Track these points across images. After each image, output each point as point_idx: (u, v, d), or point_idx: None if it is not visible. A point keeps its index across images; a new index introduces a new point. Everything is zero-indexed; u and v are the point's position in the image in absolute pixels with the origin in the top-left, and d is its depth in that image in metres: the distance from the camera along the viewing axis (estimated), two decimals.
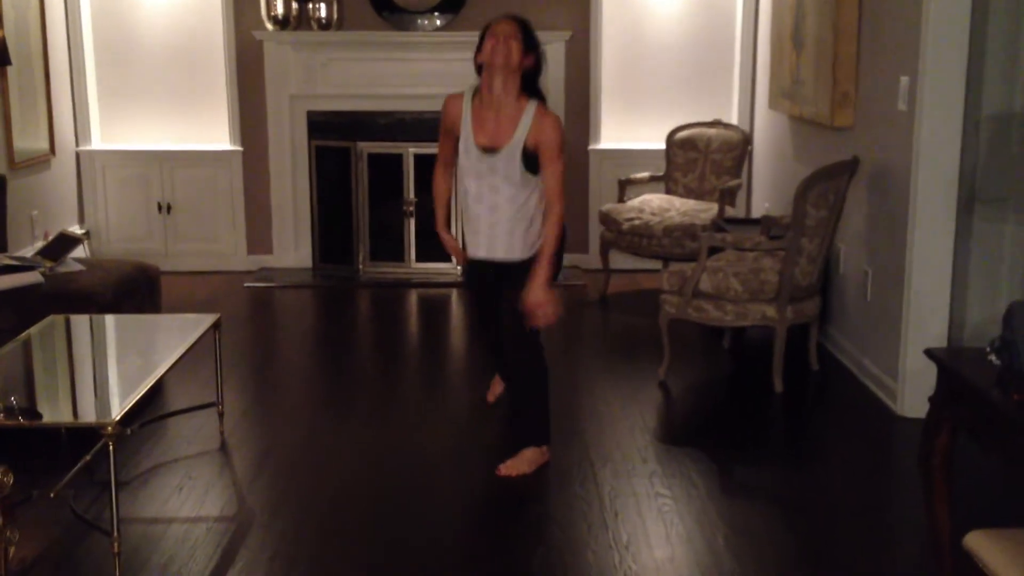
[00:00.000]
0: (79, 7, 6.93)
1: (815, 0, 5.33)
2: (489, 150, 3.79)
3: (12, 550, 2.84)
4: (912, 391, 4.32)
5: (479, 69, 3.83)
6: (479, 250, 3.95)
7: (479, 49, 3.79)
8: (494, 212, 3.86)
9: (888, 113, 4.60)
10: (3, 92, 6.09)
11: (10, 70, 5.99)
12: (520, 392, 4.03)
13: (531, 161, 3.77)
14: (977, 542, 2.48)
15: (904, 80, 4.41)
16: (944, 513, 2.98)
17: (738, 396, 4.87)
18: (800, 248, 4.68)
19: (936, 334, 4.32)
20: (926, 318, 4.34)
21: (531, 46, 3.77)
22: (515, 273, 3.87)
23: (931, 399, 3.00)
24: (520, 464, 3.89)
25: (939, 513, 2.99)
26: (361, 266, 7.01)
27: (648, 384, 4.84)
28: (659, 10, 7.04)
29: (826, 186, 4.69)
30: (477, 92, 3.87)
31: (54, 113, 6.74)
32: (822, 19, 5.20)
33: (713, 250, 4.93)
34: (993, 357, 2.78)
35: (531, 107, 3.77)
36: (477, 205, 3.88)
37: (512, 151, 3.76)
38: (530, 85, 3.81)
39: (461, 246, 4.36)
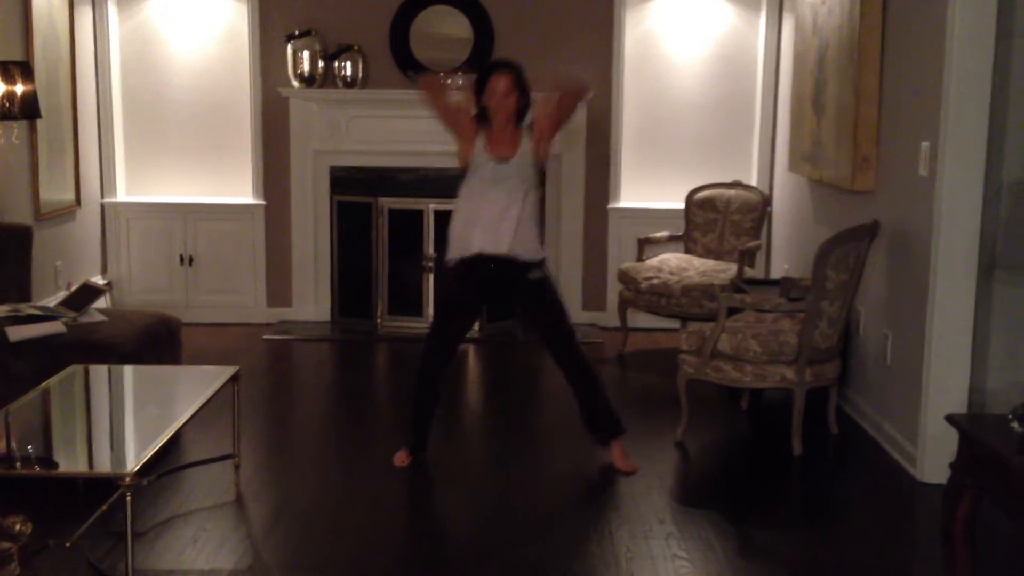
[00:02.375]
0: (109, 62, 7.05)
1: (836, 64, 5.38)
2: (503, 159, 4.33)
3: None
4: (932, 456, 4.29)
5: (481, 106, 4.38)
6: (485, 245, 4.32)
7: (480, 90, 4.35)
8: (505, 211, 4.31)
9: (909, 178, 4.61)
10: (32, 144, 6.18)
11: (39, 122, 6.09)
12: (599, 388, 4.50)
13: (537, 168, 4.43)
14: None
15: (925, 145, 4.43)
16: None
17: (756, 458, 4.84)
18: (820, 311, 4.68)
19: (956, 399, 4.29)
20: (946, 383, 4.32)
21: (524, 90, 4.37)
22: (528, 286, 4.38)
23: (952, 466, 2.98)
24: (628, 459, 4.46)
25: None
26: (379, 320, 7.03)
27: (666, 444, 4.82)
28: (680, 71, 7.11)
29: (846, 249, 4.69)
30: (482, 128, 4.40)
31: (81, 165, 6.84)
32: (843, 83, 5.25)
33: (732, 311, 4.93)
34: (1015, 424, 2.77)
35: (524, 127, 4.41)
36: (488, 207, 4.32)
37: (523, 156, 4.35)
38: (521, 115, 4.42)
39: (449, 246, 4.48)
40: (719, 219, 6.73)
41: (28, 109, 5.48)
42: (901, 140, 4.74)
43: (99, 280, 6.97)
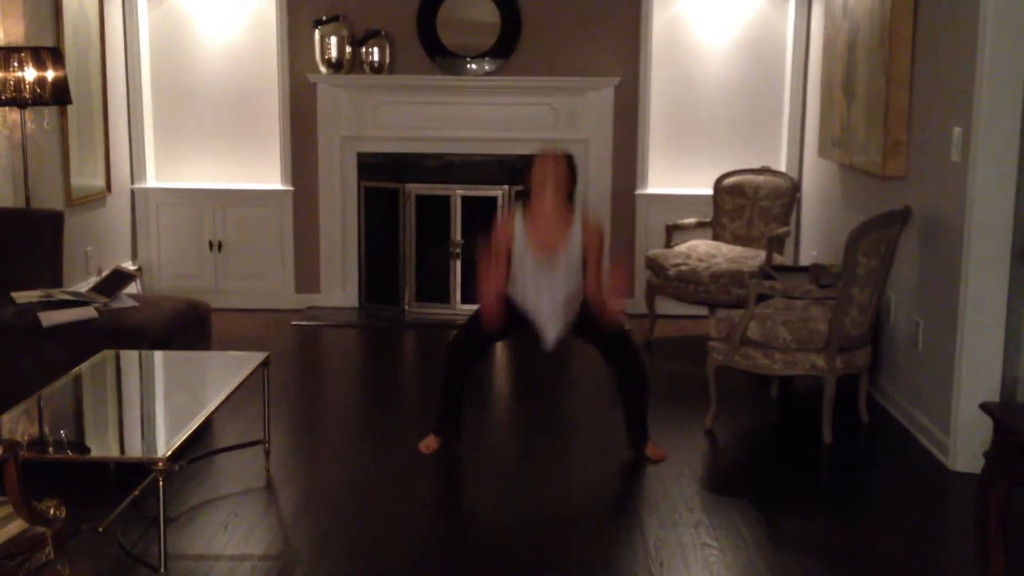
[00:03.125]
0: (139, 48, 7.08)
1: (867, 48, 5.32)
2: (547, 257, 4.31)
3: None
4: (964, 445, 4.25)
5: (527, 192, 4.39)
6: (536, 317, 4.37)
7: (529, 176, 4.37)
8: (553, 299, 4.34)
9: (941, 163, 4.57)
10: (63, 130, 6.23)
11: (70, 109, 6.12)
12: (647, 396, 4.49)
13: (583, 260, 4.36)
14: None
15: (957, 131, 4.38)
16: (999, 569, 2.92)
17: (786, 447, 4.81)
18: (850, 297, 4.64)
19: (989, 387, 4.25)
20: (979, 371, 4.28)
21: (573, 174, 4.39)
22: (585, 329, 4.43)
23: (987, 455, 2.95)
24: (657, 446, 4.47)
25: (994, 569, 2.93)
26: (407, 306, 7.04)
27: (694, 432, 4.80)
28: (708, 57, 7.06)
29: (877, 235, 4.65)
30: (524, 211, 4.39)
31: (111, 151, 6.88)
32: (874, 68, 5.19)
33: (761, 297, 4.90)
34: None
35: (577, 216, 4.38)
36: (537, 296, 4.35)
37: (571, 253, 4.31)
38: (570, 196, 4.41)
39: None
40: (748, 205, 6.69)
41: (59, 95, 5.52)
42: (933, 125, 4.69)
43: (129, 266, 7.02)
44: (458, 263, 6.99)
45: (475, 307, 4.54)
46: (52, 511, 2.82)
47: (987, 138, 4.20)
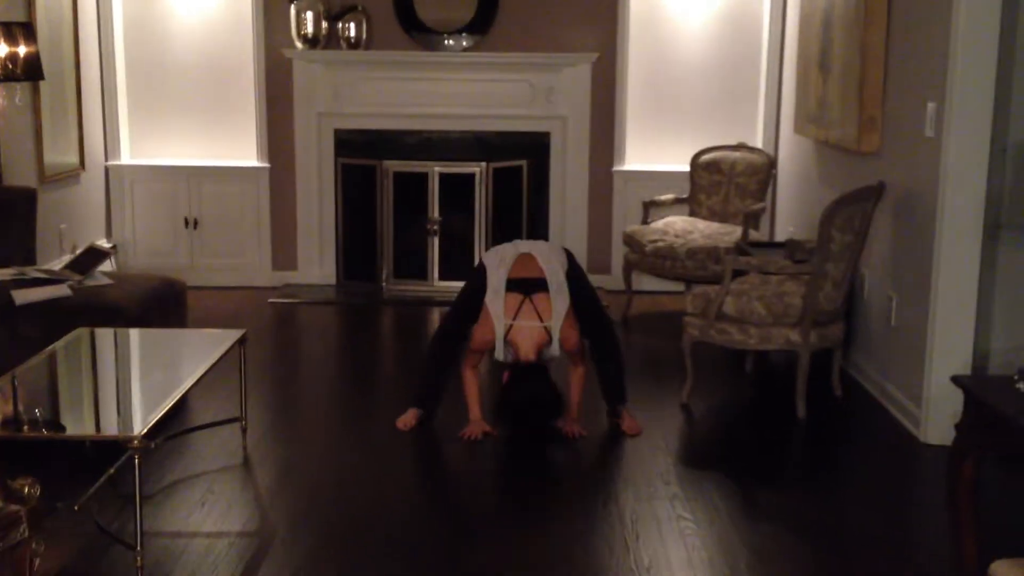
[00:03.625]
0: (112, 23, 7.01)
1: (843, 25, 5.34)
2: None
3: (38, 562, 2.86)
4: (936, 418, 4.30)
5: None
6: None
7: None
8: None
9: (915, 139, 4.59)
10: (35, 107, 6.16)
11: (42, 85, 6.06)
12: (619, 356, 4.58)
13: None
14: (1003, 571, 2.46)
15: (931, 106, 4.41)
16: (970, 541, 2.96)
17: (761, 420, 4.85)
18: (825, 273, 4.67)
19: (961, 361, 4.29)
20: (950, 345, 4.32)
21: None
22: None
23: (958, 427, 2.99)
24: (634, 421, 4.49)
25: (965, 541, 2.97)
26: (385, 284, 7.04)
27: (671, 407, 4.83)
28: (685, 33, 7.06)
29: (852, 211, 4.68)
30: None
31: (85, 128, 6.82)
32: (849, 44, 5.21)
33: (737, 273, 4.93)
34: (1021, 385, 2.77)
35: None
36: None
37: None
38: None
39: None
40: (724, 182, 6.71)
41: (31, 71, 5.45)
42: (907, 101, 4.71)
43: (104, 243, 6.97)
44: (436, 240, 6.98)
45: (456, 284, 4.55)
46: (27, 489, 2.80)
47: (960, 114, 4.22)
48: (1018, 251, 4.32)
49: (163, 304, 4.93)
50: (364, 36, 6.95)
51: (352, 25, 6.91)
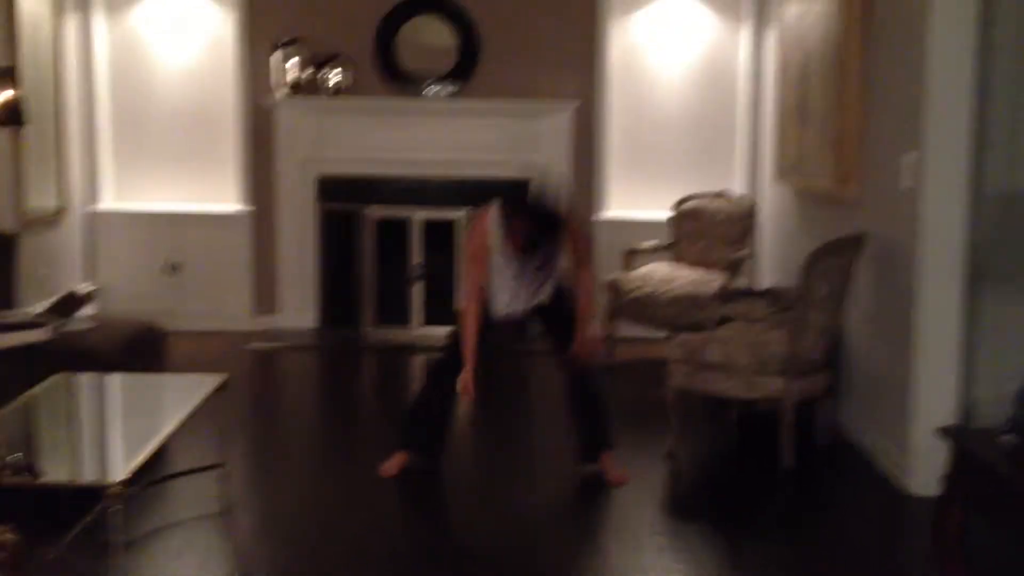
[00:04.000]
0: (95, 69, 7.02)
1: (820, 76, 5.40)
2: (526, 257, 4.28)
3: None
4: (921, 469, 4.29)
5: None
6: (515, 308, 4.37)
7: (508, 217, 4.25)
8: (528, 300, 4.39)
9: (893, 189, 4.63)
10: (17, 151, 6.14)
11: (25, 130, 6.04)
12: (604, 406, 4.54)
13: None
14: None
15: (908, 156, 4.45)
16: None
17: (746, 470, 4.83)
18: (808, 321, 4.68)
19: (945, 411, 4.30)
20: (935, 395, 4.33)
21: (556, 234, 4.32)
22: (552, 319, 4.44)
23: (943, 478, 2.99)
24: (621, 469, 4.45)
25: None
26: (366, 329, 7.01)
27: (655, 456, 4.81)
28: (665, 82, 7.13)
29: (833, 261, 4.70)
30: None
31: (66, 173, 6.79)
32: (827, 94, 5.27)
33: (720, 321, 4.93)
34: (1006, 437, 2.78)
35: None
36: (513, 301, 4.37)
37: (551, 251, 4.32)
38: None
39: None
40: (706, 229, 6.74)
41: (14, 116, 5.44)
42: (885, 151, 4.76)
43: (84, 288, 6.92)
44: (417, 286, 6.97)
45: (440, 329, 4.55)
46: (4, 537, 2.76)
47: (937, 164, 4.27)
48: (999, 300, 4.35)
49: (143, 349, 4.89)
50: (346, 83, 6.98)
51: (334, 73, 6.94)
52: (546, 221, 4.20)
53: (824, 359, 4.86)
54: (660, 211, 7.04)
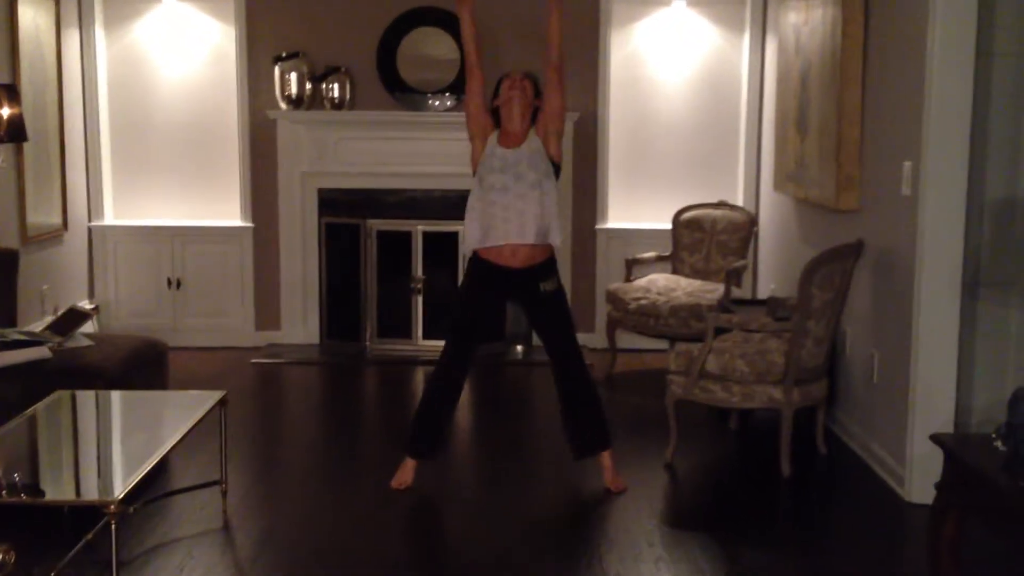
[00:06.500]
0: (96, 84, 7.06)
1: (819, 85, 5.41)
2: (512, 147, 4.41)
3: None
4: (920, 476, 4.29)
5: (496, 111, 4.53)
6: (509, 236, 4.37)
7: (496, 95, 4.53)
8: (521, 200, 4.37)
9: (892, 197, 4.64)
10: (19, 168, 6.18)
11: (26, 146, 6.08)
12: (598, 401, 4.53)
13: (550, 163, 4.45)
14: None
15: (907, 165, 4.46)
16: None
17: (745, 479, 4.83)
18: (806, 330, 4.69)
19: (943, 418, 4.30)
20: (932, 402, 4.33)
21: (538, 92, 4.55)
22: (539, 296, 4.44)
23: (938, 486, 2.99)
24: (619, 476, 4.48)
25: None
26: (369, 343, 7.02)
27: (654, 465, 4.81)
28: (666, 92, 7.15)
29: (832, 268, 4.71)
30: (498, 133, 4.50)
31: (68, 189, 6.83)
32: (826, 104, 5.28)
33: (719, 331, 4.94)
34: (999, 443, 2.78)
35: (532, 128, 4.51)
36: (504, 195, 4.37)
37: (532, 144, 4.42)
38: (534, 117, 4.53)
39: (466, 239, 4.60)
40: (706, 239, 6.75)
41: (15, 132, 5.47)
42: (884, 160, 4.77)
43: (86, 304, 6.94)
44: (420, 299, 6.99)
45: (440, 343, 4.57)
46: (2, 556, 2.77)
47: (936, 172, 4.27)
48: (997, 307, 4.35)
49: (144, 365, 4.90)
50: (348, 96, 7.01)
51: (336, 86, 6.97)
52: (524, 81, 4.49)
53: (823, 367, 4.86)
54: (661, 221, 7.05)
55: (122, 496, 3.20)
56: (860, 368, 5.02)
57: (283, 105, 6.97)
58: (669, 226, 6.89)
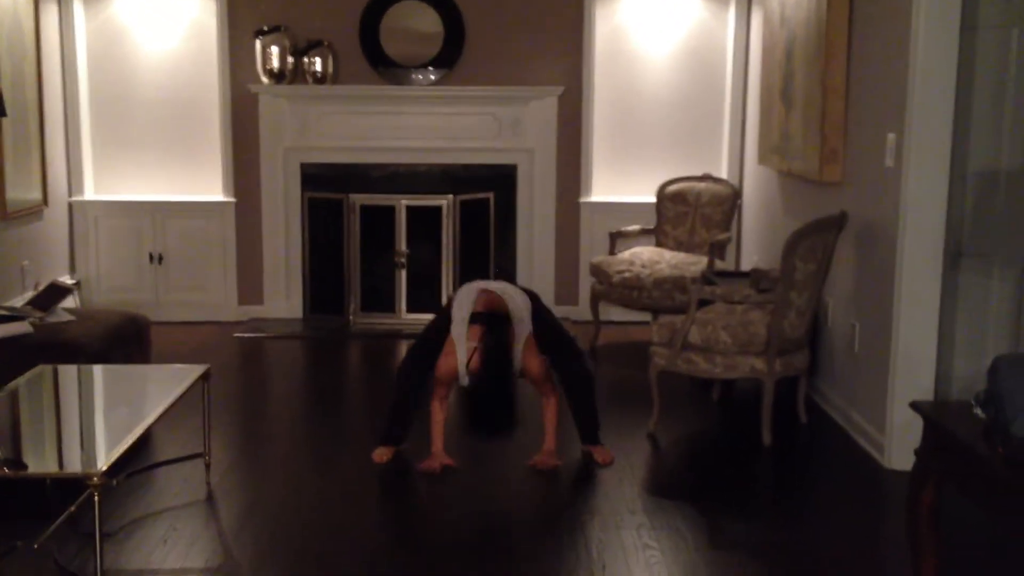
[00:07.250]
0: (75, 59, 6.99)
1: (804, 57, 5.41)
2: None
3: None
4: (899, 444, 4.32)
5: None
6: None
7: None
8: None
9: (876, 169, 4.65)
10: None
11: (4, 121, 6.03)
12: (593, 393, 4.58)
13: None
14: None
15: (891, 136, 4.47)
16: (931, 566, 2.98)
17: (727, 449, 4.86)
18: (789, 301, 4.70)
19: (923, 387, 4.33)
20: (913, 371, 4.36)
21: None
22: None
23: (917, 452, 3.01)
24: (604, 450, 4.54)
25: (926, 566, 2.99)
26: (352, 317, 7.02)
27: (637, 436, 4.83)
28: (651, 65, 7.13)
29: (815, 240, 4.72)
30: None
31: (48, 164, 6.78)
32: (811, 77, 5.28)
33: (703, 303, 4.95)
34: (978, 410, 2.80)
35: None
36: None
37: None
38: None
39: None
40: (690, 212, 6.76)
41: None
42: (868, 132, 4.77)
43: (67, 279, 6.91)
44: (403, 273, 6.98)
45: (423, 316, 4.56)
46: None
47: (919, 144, 4.28)
48: (978, 277, 4.38)
49: (126, 340, 4.89)
50: (330, 71, 6.97)
51: (318, 60, 6.93)
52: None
53: (805, 337, 4.89)
54: (645, 195, 7.05)
55: (105, 468, 3.19)
56: (842, 338, 5.04)
57: (265, 79, 6.93)
58: (653, 199, 6.89)
